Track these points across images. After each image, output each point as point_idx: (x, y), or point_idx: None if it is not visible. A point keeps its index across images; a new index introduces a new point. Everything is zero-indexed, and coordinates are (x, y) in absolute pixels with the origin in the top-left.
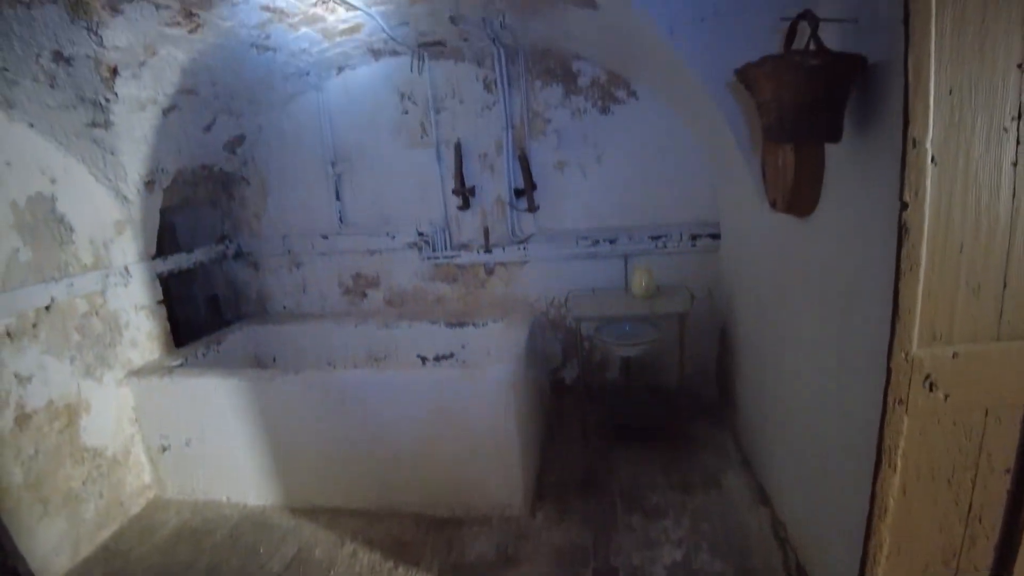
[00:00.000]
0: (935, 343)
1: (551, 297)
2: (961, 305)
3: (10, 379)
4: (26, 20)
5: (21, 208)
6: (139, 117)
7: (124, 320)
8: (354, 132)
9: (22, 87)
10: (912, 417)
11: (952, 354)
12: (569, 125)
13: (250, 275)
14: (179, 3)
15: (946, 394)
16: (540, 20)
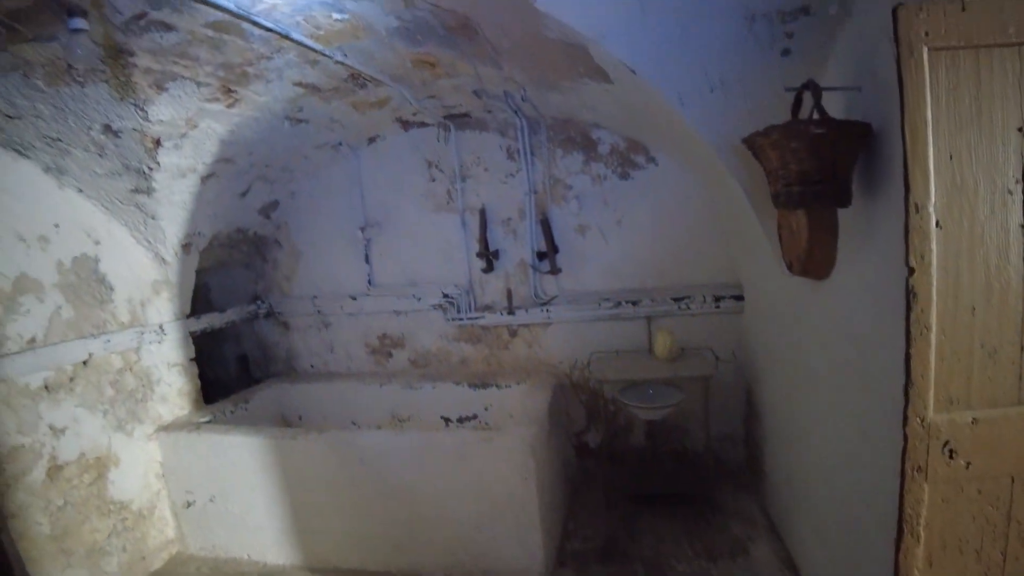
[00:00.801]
0: (952, 408)
1: (574, 359)
2: (977, 369)
3: (45, 431)
4: (80, 97)
5: (67, 268)
6: (179, 184)
7: (156, 377)
8: (383, 198)
9: (74, 156)
10: (933, 485)
11: (971, 420)
12: (590, 190)
13: (280, 335)
14: (218, 81)
15: (967, 462)
16: (559, 93)
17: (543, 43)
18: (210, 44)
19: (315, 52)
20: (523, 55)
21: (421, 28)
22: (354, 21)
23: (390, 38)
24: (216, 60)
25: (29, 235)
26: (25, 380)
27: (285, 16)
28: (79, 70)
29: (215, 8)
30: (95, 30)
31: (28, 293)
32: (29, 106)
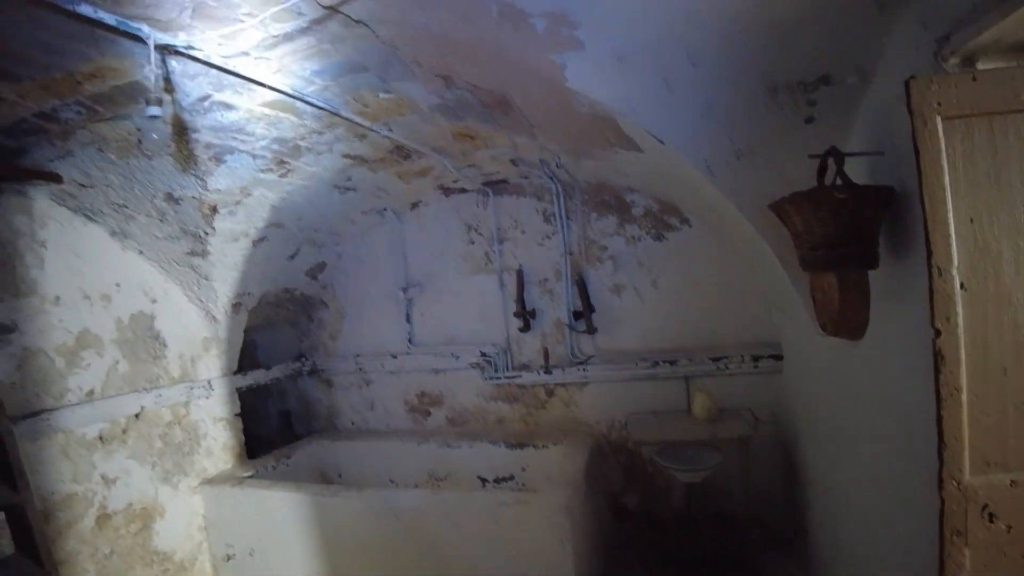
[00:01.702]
0: (989, 471)
1: (611, 419)
2: (1013, 430)
3: (98, 480)
4: (147, 169)
5: (125, 324)
6: (232, 247)
7: (203, 431)
8: (425, 260)
9: (137, 221)
10: (974, 550)
11: (1010, 482)
12: (624, 251)
13: (322, 392)
14: (272, 153)
15: (1008, 525)
16: (591, 160)
17: (574, 116)
18: (266, 121)
19: (363, 127)
20: (556, 127)
21: (461, 105)
22: (399, 99)
23: (432, 114)
24: (271, 135)
25: (93, 293)
26: (82, 431)
27: (336, 96)
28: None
29: (272, 90)
30: (165, 112)
31: (89, 348)
32: (101, 176)
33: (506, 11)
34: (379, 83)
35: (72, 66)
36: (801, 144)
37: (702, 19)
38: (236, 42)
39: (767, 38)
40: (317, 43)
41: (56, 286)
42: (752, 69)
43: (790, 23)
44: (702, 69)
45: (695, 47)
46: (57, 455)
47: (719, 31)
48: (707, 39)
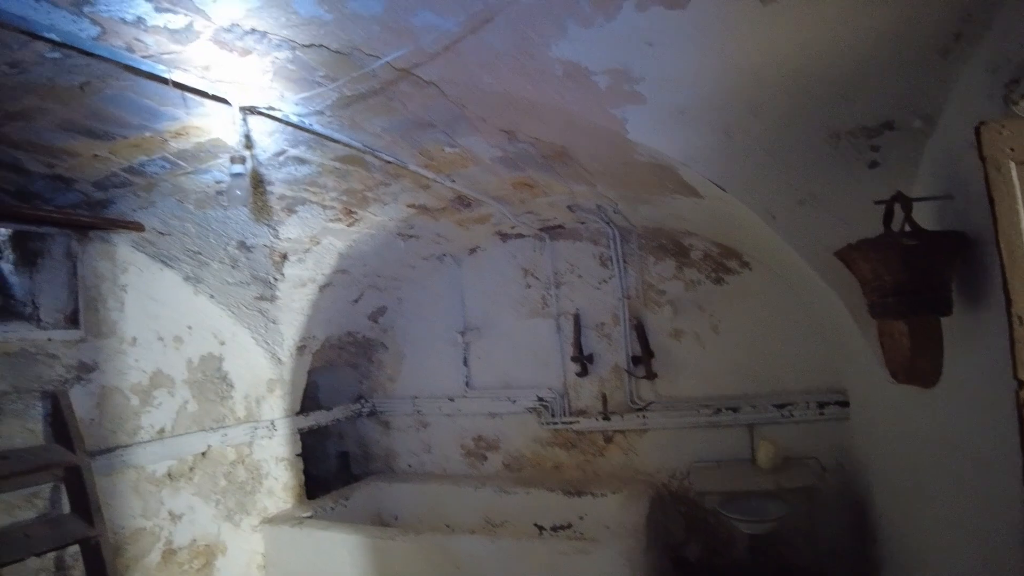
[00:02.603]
0: None
1: (672, 468)
2: None
3: (165, 516)
4: (222, 219)
5: (195, 366)
6: (299, 292)
7: (265, 470)
8: (482, 304)
9: (210, 268)
10: None
11: None
12: (683, 296)
13: (380, 434)
14: (341, 204)
15: None
16: (649, 206)
17: (634, 166)
18: (337, 174)
19: (428, 179)
20: (615, 176)
21: (522, 157)
22: (463, 152)
23: (494, 165)
24: (341, 187)
25: (167, 335)
26: (152, 468)
27: (403, 149)
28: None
29: (344, 145)
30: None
31: (161, 388)
32: (179, 225)
33: (570, 70)
34: (444, 138)
35: (161, 126)
36: (864, 189)
37: (762, 74)
38: (313, 102)
39: (829, 88)
40: (388, 101)
41: (133, 328)
42: (813, 117)
43: (853, 74)
44: (762, 119)
45: (755, 99)
46: (128, 491)
47: (780, 83)
48: (768, 91)
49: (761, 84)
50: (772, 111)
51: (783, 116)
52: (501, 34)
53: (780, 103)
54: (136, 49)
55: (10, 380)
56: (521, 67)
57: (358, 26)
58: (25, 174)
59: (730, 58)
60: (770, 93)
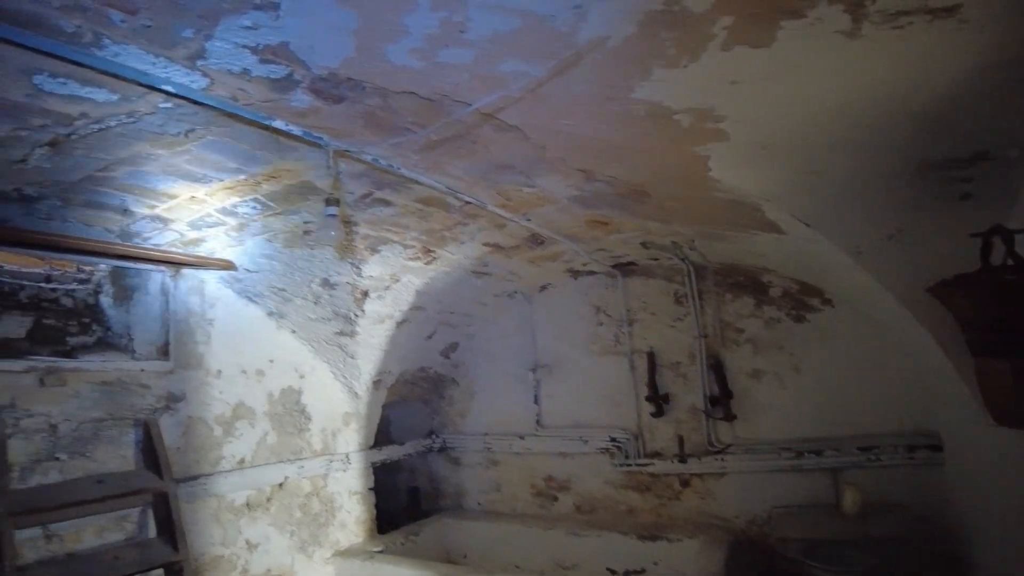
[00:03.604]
0: None
1: (751, 513)
2: None
3: (242, 545)
4: (308, 257)
5: (275, 398)
6: (377, 328)
7: (339, 503)
8: (553, 342)
9: (293, 304)
10: None
11: None
12: (763, 334)
13: (450, 470)
14: (420, 243)
15: None
16: (726, 243)
17: (713, 202)
18: (418, 215)
19: (504, 218)
20: (692, 212)
21: (597, 196)
22: (540, 192)
23: (569, 204)
24: (421, 227)
25: (250, 369)
26: (232, 497)
27: (482, 190)
28: (312, 235)
29: (427, 187)
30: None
31: (243, 419)
32: (267, 263)
33: (653, 110)
34: (522, 179)
35: (255, 169)
36: (957, 223)
37: (847, 108)
38: (400, 147)
39: (917, 120)
40: (470, 145)
41: (219, 361)
42: (900, 150)
43: (943, 105)
44: (847, 154)
45: (840, 134)
46: (209, 518)
47: (865, 117)
48: (852, 125)
49: (846, 118)
50: (857, 145)
51: (869, 150)
52: (585, 79)
53: (865, 137)
54: (239, 98)
55: (106, 408)
56: (603, 109)
57: (447, 74)
58: (129, 215)
59: (814, 93)
60: (855, 127)
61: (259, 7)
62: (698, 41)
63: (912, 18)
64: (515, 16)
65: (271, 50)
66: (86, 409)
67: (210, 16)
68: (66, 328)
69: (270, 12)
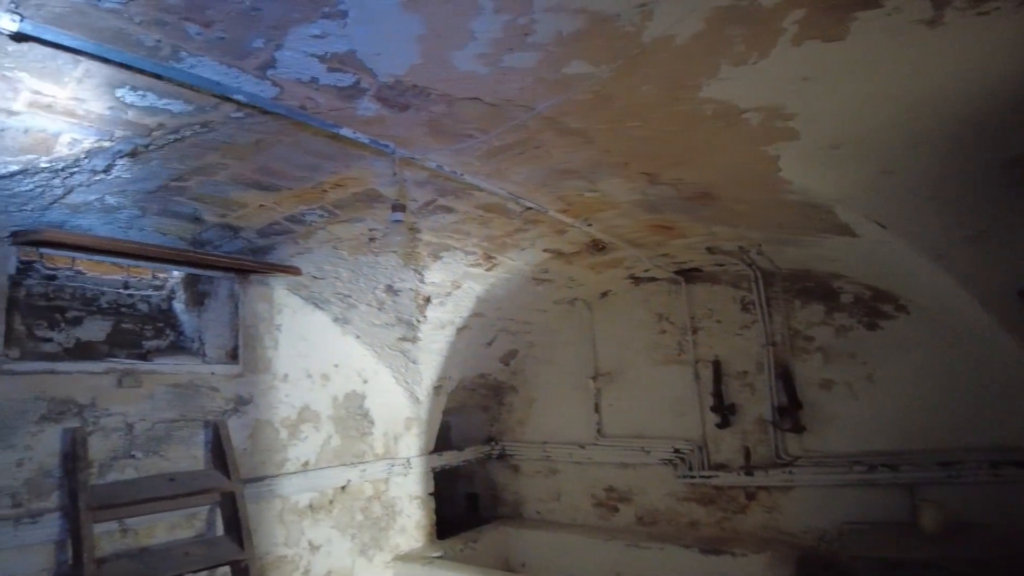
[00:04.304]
0: None
1: (820, 529)
2: None
3: (305, 546)
4: (373, 264)
5: (339, 402)
6: (439, 334)
7: (399, 507)
8: (614, 350)
9: (358, 310)
10: None
11: None
12: (833, 342)
13: (509, 477)
14: (482, 250)
15: None
16: (796, 247)
17: (783, 204)
18: (479, 221)
19: (564, 224)
20: (760, 215)
21: (661, 199)
22: (602, 196)
23: (632, 208)
24: (482, 233)
25: (315, 373)
26: (296, 499)
27: (543, 196)
28: (378, 243)
29: (489, 194)
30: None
31: (308, 422)
32: (332, 270)
33: (720, 109)
34: (584, 183)
35: (322, 178)
36: None
37: (925, 103)
38: (463, 154)
39: (1002, 114)
40: (533, 150)
41: (285, 365)
42: (984, 146)
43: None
44: (926, 151)
45: (918, 130)
46: (273, 519)
47: (945, 112)
48: (931, 121)
49: (925, 113)
50: (936, 142)
51: (949, 147)
52: (651, 79)
53: (945, 133)
54: (308, 107)
55: (179, 409)
56: (669, 110)
57: (511, 79)
58: (200, 223)
59: (890, 88)
60: (934, 123)
61: (327, 15)
62: (768, 36)
63: (999, 3)
64: (580, 17)
65: (338, 58)
66: (160, 410)
67: (280, 26)
68: (142, 332)
69: (338, 20)
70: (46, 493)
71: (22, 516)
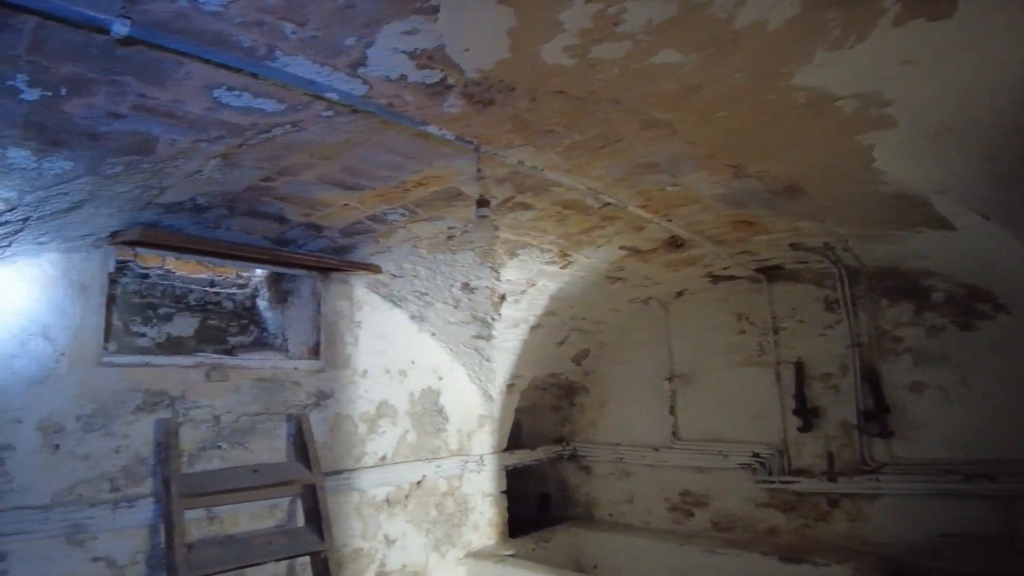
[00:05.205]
0: None
1: (908, 541)
2: None
3: (381, 540)
4: (451, 262)
5: (416, 398)
6: (512, 333)
7: (472, 504)
8: (690, 350)
9: (434, 307)
10: None
11: None
12: (924, 344)
13: (581, 478)
14: (558, 248)
15: None
16: (886, 243)
17: (875, 197)
18: (557, 218)
19: (643, 220)
20: (849, 209)
21: (745, 193)
22: (683, 191)
23: (714, 203)
24: (559, 231)
25: (393, 369)
26: (373, 492)
27: (622, 191)
28: (456, 240)
29: (568, 189)
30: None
31: (386, 417)
32: (411, 268)
33: (813, 97)
34: (666, 177)
35: (404, 177)
36: None
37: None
38: (543, 150)
39: None
40: (614, 143)
41: (365, 361)
42: None
43: None
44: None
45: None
46: (351, 512)
47: None
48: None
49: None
50: None
51: None
52: (741, 67)
53: None
54: (395, 105)
55: (263, 402)
56: (759, 99)
57: (598, 71)
58: (285, 223)
59: (998, 69)
60: None
61: (419, 11)
62: (867, 18)
63: None
64: (671, 4)
65: (427, 54)
66: (245, 403)
67: (372, 23)
68: (227, 328)
69: (429, 16)
70: (140, 479)
71: (119, 500)
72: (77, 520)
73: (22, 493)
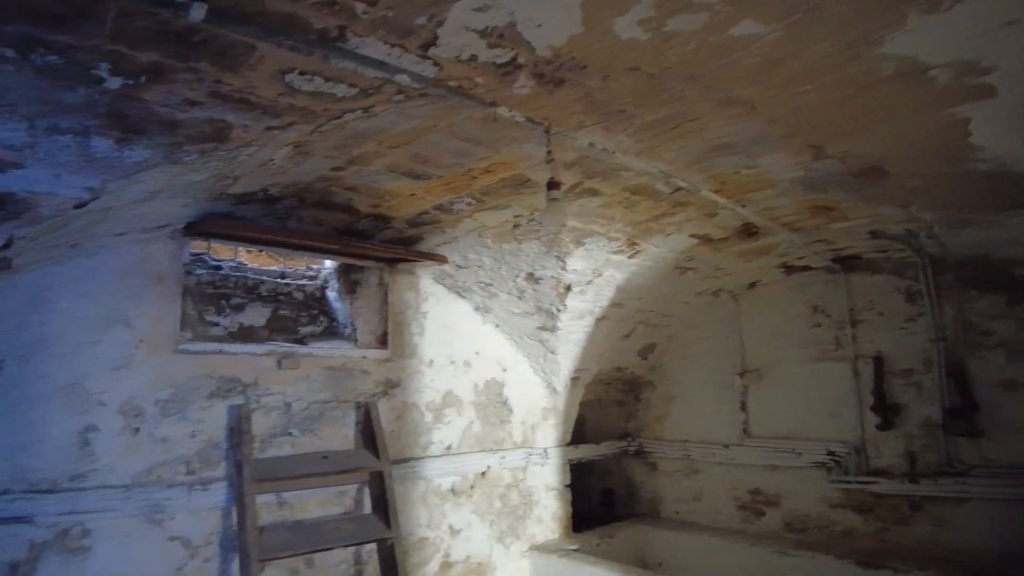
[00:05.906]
0: None
1: (1000, 551)
2: None
3: (446, 529)
4: (516, 252)
5: (480, 389)
6: (577, 324)
7: (536, 497)
8: (762, 344)
9: (498, 298)
10: None
11: None
12: (1017, 337)
13: (646, 475)
14: (626, 236)
15: None
16: (976, 228)
17: (968, 176)
18: (625, 205)
19: (715, 205)
20: (937, 191)
21: (825, 176)
22: (759, 174)
23: (791, 187)
24: (627, 218)
25: (458, 359)
26: (439, 482)
27: (695, 175)
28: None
29: (638, 173)
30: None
31: (451, 407)
32: (476, 259)
33: (903, 67)
34: (742, 160)
35: (471, 164)
36: None
37: None
38: (614, 131)
39: None
40: (688, 123)
41: (430, 351)
42: None
43: None
44: None
45: None
46: (417, 501)
47: None
48: None
49: None
50: None
51: None
52: (826, 36)
53: None
54: (465, 87)
55: (333, 390)
56: (844, 71)
57: (674, 44)
58: (354, 213)
59: None
60: None
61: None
62: None
63: None
64: None
65: (498, 32)
66: (315, 391)
67: (443, 1)
68: (298, 318)
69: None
70: (214, 463)
71: (195, 483)
72: (156, 500)
73: (105, 473)
